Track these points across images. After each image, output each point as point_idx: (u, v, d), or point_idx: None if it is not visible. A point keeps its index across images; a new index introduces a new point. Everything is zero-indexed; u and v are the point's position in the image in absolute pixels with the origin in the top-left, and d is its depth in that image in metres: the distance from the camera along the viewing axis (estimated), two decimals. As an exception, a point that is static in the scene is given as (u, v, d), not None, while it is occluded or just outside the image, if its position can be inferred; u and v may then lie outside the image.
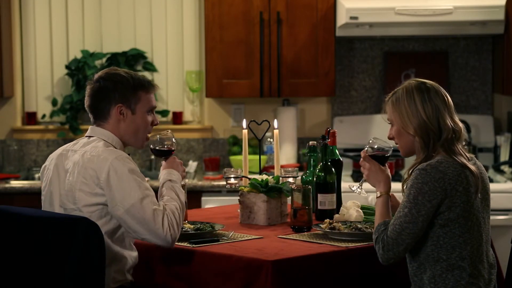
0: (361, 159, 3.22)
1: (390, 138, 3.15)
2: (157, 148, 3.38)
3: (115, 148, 3.19)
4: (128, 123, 3.22)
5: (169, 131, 3.42)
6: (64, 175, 3.16)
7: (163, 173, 3.28)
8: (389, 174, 3.21)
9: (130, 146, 3.28)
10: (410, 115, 3.05)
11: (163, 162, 3.35)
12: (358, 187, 3.35)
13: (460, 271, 2.98)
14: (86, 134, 3.27)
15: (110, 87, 3.19)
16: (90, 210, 3.08)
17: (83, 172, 3.10)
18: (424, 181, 2.96)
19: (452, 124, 3.04)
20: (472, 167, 3.01)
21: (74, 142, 3.27)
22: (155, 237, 3.05)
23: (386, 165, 3.22)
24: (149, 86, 3.24)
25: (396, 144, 3.15)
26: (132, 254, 3.19)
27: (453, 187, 2.96)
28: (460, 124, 3.09)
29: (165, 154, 3.37)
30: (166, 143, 3.38)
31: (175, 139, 3.40)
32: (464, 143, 3.10)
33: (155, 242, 3.08)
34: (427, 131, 3.03)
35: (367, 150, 3.21)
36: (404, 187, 3.08)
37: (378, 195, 3.14)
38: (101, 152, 3.11)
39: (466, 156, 3.06)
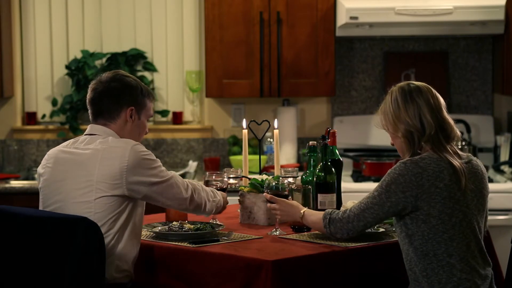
0: (268, 204, 3.41)
1: (392, 144, 3.21)
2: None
3: None
4: (134, 126, 3.27)
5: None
6: (73, 172, 3.15)
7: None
8: (294, 201, 3.41)
9: None
10: (396, 120, 3.11)
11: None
12: (275, 230, 3.43)
13: (450, 268, 3.01)
14: (86, 132, 3.27)
15: (124, 90, 3.26)
16: (108, 202, 3.09)
17: (103, 164, 3.11)
18: (401, 173, 3.02)
19: (437, 120, 3.07)
20: (457, 164, 3.03)
21: (73, 141, 3.27)
22: (189, 205, 3.26)
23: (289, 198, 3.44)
24: (153, 96, 3.37)
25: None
26: (137, 247, 3.21)
27: (432, 183, 3.00)
28: (451, 122, 3.12)
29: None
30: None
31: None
32: (456, 141, 3.13)
33: (190, 211, 3.32)
34: (411, 131, 3.08)
35: (267, 192, 3.41)
36: None
37: (301, 216, 3.31)
38: (116, 143, 3.16)
39: (458, 153, 3.10)
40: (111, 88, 3.25)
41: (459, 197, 3.03)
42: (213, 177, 3.59)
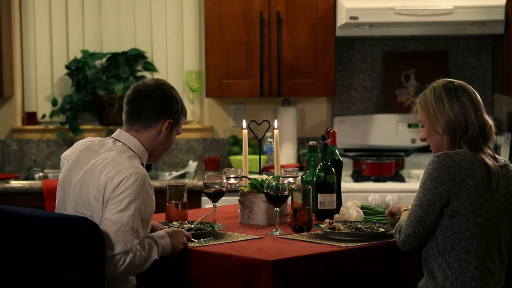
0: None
1: (422, 140, 3.21)
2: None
3: (139, 158, 3.16)
4: (165, 139, 3.23)
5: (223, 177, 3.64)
6: (82, 176, 3.12)
7: (161, 232, 3.17)
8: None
9: (150, 158, 3.25)
10: (438, 115, 3.10)
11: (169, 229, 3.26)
12: (275, 230, 3.42)
13: (466, 263, 3.03)
14: (113, 136, 3.23)
15: (168, 101, 3.23)
16: (99, 220, 3.05)
17: (98, 178, 3.05)
18: (435, 167, 3.02)
19: (479, 121, 3.08)
20: (492, 165, 3.04)
21: (101, 141, 3.21)
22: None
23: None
24: (186, 115, 3.35)
25: (428, 144, 3.20)
26: None
27: (463, 179, 3.00)
28: (491, 122, 3.13)
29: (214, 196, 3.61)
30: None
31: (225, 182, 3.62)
32: (492, 142, 3.12)
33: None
34: (454, 129, 3.08)
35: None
36: None
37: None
38: (121, 162, 3.06)
39: (495, 157, 3.11)
40: (157, 95, 3.20)
41: (487, 197, 3.03)
42: (212, 179, 3.58)
